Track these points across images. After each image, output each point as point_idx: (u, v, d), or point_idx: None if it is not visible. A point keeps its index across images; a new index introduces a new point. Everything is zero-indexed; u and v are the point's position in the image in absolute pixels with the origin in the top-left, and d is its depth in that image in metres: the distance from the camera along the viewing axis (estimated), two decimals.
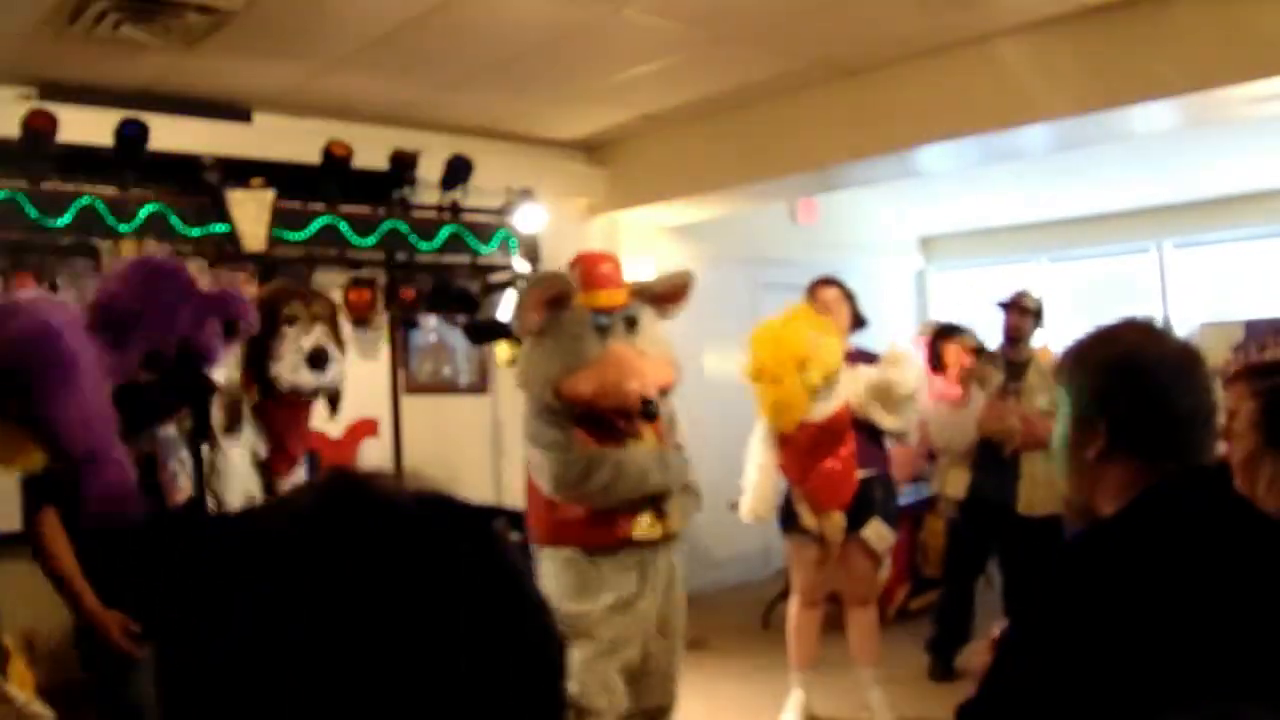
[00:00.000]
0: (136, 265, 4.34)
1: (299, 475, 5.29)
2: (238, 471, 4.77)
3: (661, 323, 5.45)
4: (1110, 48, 6.58)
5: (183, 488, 4.52)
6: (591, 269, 5.31)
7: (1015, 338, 7.52)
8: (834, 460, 6.29)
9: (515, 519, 5.44)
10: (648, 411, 5.04)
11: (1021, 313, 7.51)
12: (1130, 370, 2.26)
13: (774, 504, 6.53)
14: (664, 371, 5.24)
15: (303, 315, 5.15)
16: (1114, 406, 2.25)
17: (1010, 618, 2.29)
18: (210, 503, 4.58)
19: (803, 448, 6.29)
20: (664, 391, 5.19)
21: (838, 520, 6.35)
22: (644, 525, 5.13)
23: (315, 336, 5.17)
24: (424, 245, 8.35)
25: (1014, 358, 7.46)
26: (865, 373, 6.36)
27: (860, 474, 6.35)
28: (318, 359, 5.14)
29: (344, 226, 7.98)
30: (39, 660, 4.72)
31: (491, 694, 0.93)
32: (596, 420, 5.09)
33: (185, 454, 4.55)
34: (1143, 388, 2.24)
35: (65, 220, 6.83)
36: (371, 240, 8.12)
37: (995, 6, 6.53)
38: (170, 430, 4.52)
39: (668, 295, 5.44)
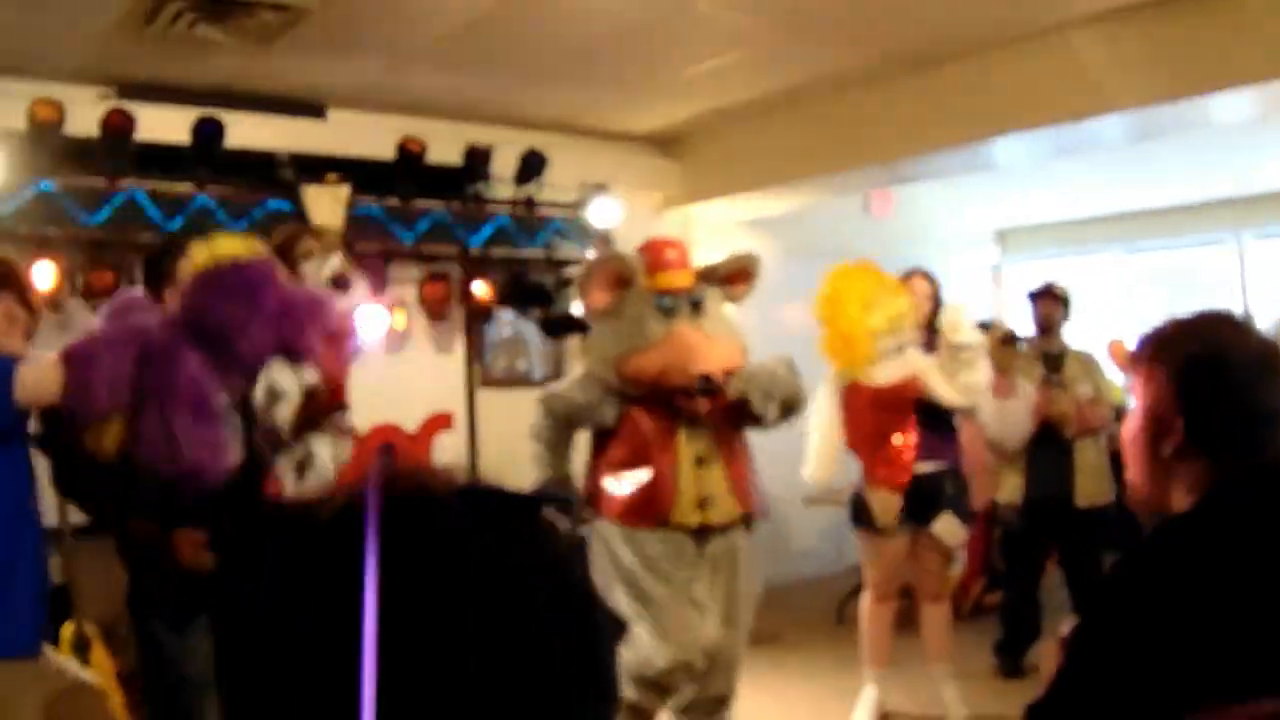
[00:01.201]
0: (228, 274, 4.30)
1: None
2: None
3: (730, 307, 5.47)
4: (1186, 36, 6.50)
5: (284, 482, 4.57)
6: (657, 253, 5.35)
7: (1047, 327, 7.54)
8: (894, 438, 6.25)
9: (565, 505, 5.46)
10: (707, 388, 5.04)
11: (1053, 302, 7.53)
12: (1213, 366, 2.21)
13: (835, 468, 6.48)
14: (730, 353, 5.26)
15: (315, 248, 5.21)
16: (1194, 403, 2.20)
17: (1079, 615, 2.26)
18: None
19: (863, 414, 6.24)
20: (730, 373, 5.18)
21: (887, 499, 6.31)
22: (685, 510, 5.15)
23: (333, 264, 5.24)
24: (499, 240, 8.38)
25: (1048, 348, 7.45)
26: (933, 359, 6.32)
27: (930, 467, 6.30)
28: (341, 282, 5.21)
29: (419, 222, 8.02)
30: (118, 648, 4.78)
31: (537, 686, 0.94)
32: (656, 400, 5.11)
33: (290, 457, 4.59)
34: (1225, 385, 2.19)
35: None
36: (446, 235, 8.17)
37: None
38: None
39: (734, 277, 5.47)
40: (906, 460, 6.26)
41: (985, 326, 7.27)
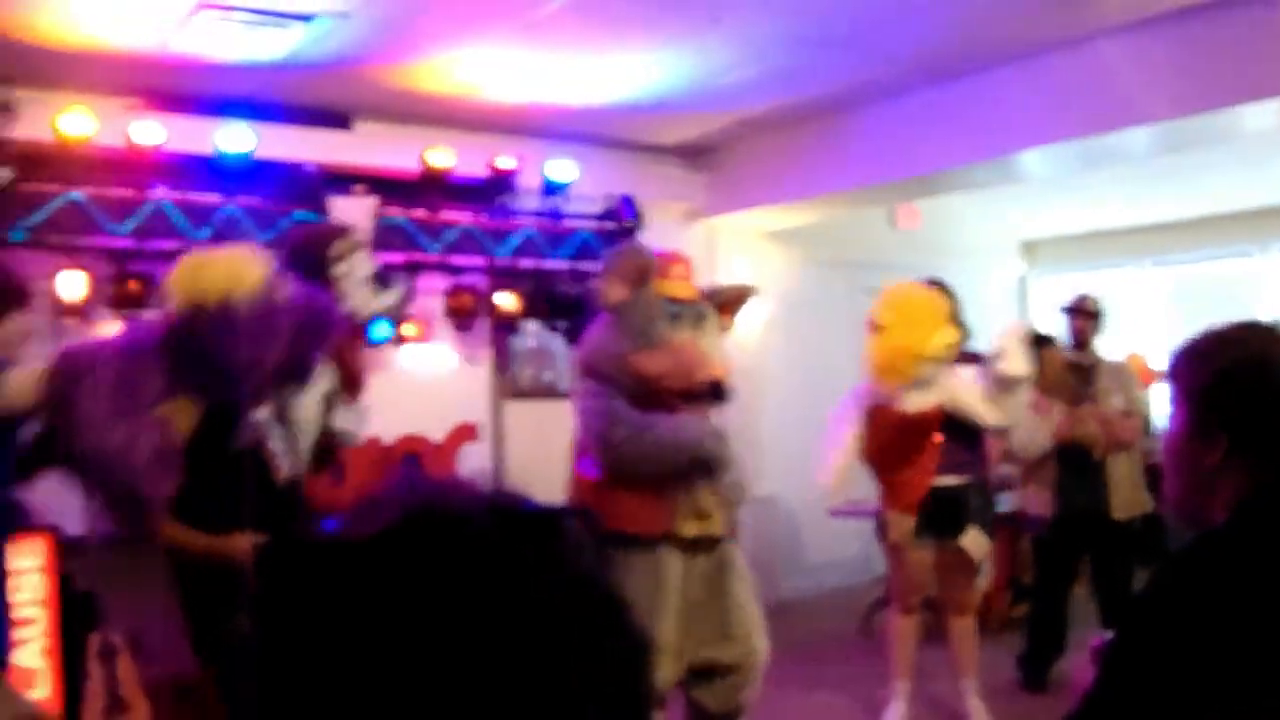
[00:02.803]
0: (222, 320, 4.22)
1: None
2: (307, 422, 4.79)
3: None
4: (1214, 46, 6.46)
5: (282, 466, 4.61)
6: (666, 261, 5.37)
7: (1081, 341, 7.53)
8: (914, 462, 6.26)
9: (589, 518, 5.44)
10: (719, 393, 5.05)
11: (1086, 316, 7.53)
12: (1255, 377, 2.18)
13: (846, 479, 6.49)
14: (724, 371, 5.30)
15: (345, 249, 5.19)
16: (1236, 414, 2.17)
17: (1116, 628, 2.23)
18: (291, 461, 4.65)
19: (886, 435, 6.27)
20: (717, 384, 5.21)
21: (901, 519, 6.33)
22: (685, 521, 5.16)
23: (367, 263, 5.24)
24: (525, 251, 8.40)
25: (1081, 361, 7.43)
26: (965, 375, 6.32)
27: (955, 480, 6.30)
28: (383, 279, 5.21)
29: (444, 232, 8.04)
30: (146, 657, 4.79)
31: (568, 699, 0.94)
32: (655, 401, 5.12)
33: (280, 432, 4.63)
34: (1268, 395, 2.17)
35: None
36: (473, 247, 8.19)
37: (1096, 6, 6.44)
38: (264, 413, 4.58)
39: (728, 306, 5.45)
40: (922, 482, 6.27)
41: (1047, 341, 7.28)
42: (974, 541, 6.35)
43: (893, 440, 6.28)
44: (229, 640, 4.34)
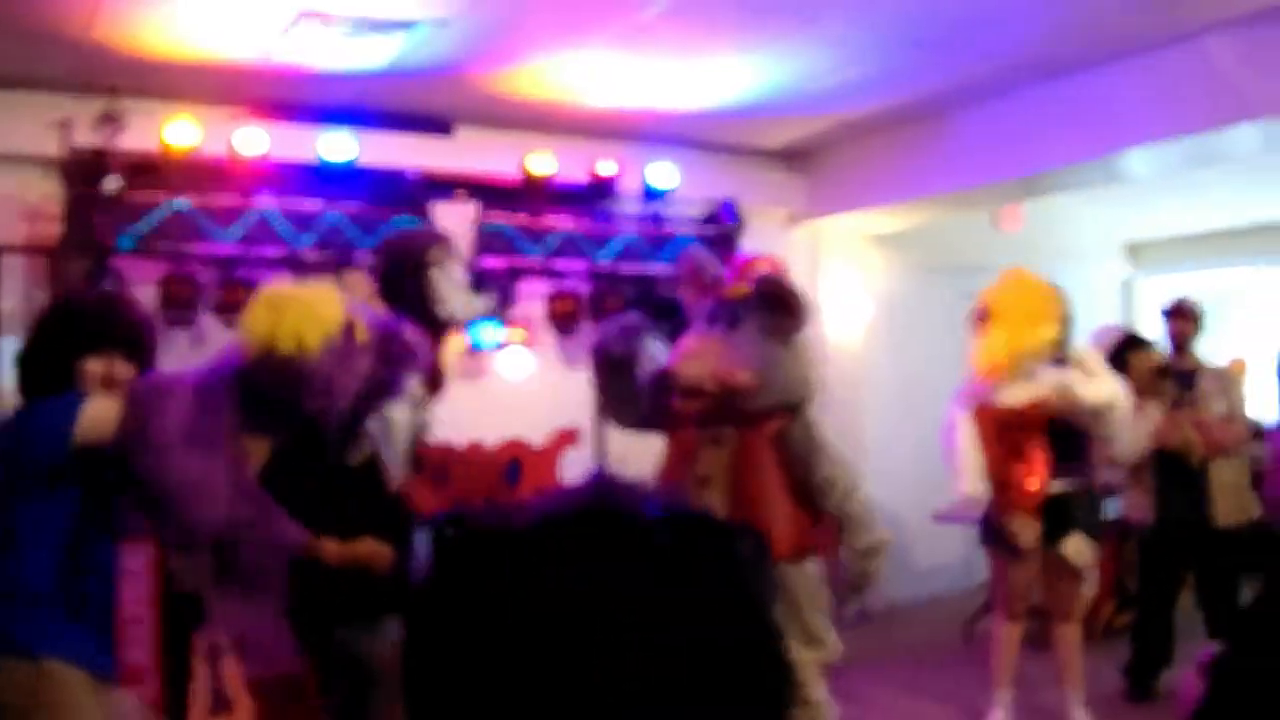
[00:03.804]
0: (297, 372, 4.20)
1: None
2: (400, 430, 4.83)
3: (782, 338, 5.24)
4: None
5: (394, 476, 4.71)
6: (743, 263, 5.38)
7: (1180, 345, 7.46)
8: (1025, 461, 6.20)
9: (757, 537, 5.38)
10: (664, 384, 5.02)
11: (1185, 319, 7.46)
12: None
13: (985, 481, 6.41)
14: (734, 371, 5.13)
15: (440, 256, 5.23)
16: None
17: (1224, 640, 2.18)
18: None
19: (992, 435, 6.22)
20: (732, 392, 5.11)
21: (1026, 523, 6.26)
22: None
23: (460, 268, 5.27)
24: (625, 256, 8.41)
25: (1181, 366, 7.35)
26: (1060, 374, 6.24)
27: (1061, 486, 6.24)
28: (479, 283, 5.26)
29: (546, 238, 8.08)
30: (251, 657, 4.85)
31: (714, 711, 0.94)
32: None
33: (387, 440, 4.70)
34: None
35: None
36: (574, 251, 8.23)
37: (1201, 1, 6.35)
38: (375, 424, 4.65)
39: (771, 302, 5.25)
40: (1040, 482, 6.20)
41: (1139, 343, 7.19)
42: (1076, 549, 6.28)
43: (1000, 439, 6.24)
44: (337, 646, 4.43)
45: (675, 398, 5.11)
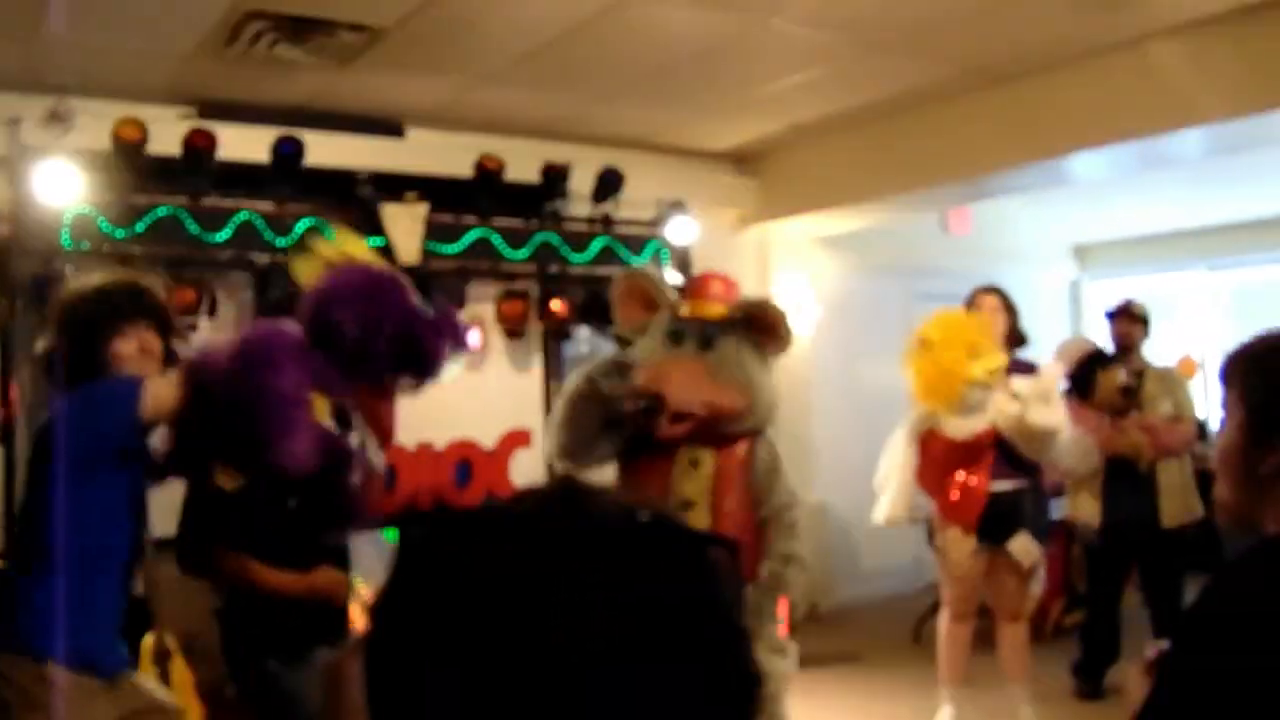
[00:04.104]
0: (362, 287, 4.35)
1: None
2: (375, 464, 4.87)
3: (762, 361, 5.16)
4: (1270, 47, 6.38)
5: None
6: (701, 281, 5.32)
7: (1126, 346, 7.45)
8: (967, 478, 6.24)
9: (733, 548, 5.33)
10: (648, 406, 4.92)
11: (1130, 320, 7.46)
12: None
13: (909, 506, 6.47)
14: (719, 392, 4.96)
15: None
16: None
17: (1170, 639, 2.19)
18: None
19: (939, 460, 6.26)
20: (720, 416, 4.96)
21: (960, 539, 6.33)
22: None
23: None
24: (576, 257, 8.41)
25: (1126, 368, 7.35)
26: (1019, 385, 6.25)
27: (1007, 485, 6.26)
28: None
29: (496, 239, 8.08)
30: (198, 660, 4.83)
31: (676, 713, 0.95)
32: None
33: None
34: None
35: (225, 235, 7.04)
36: (524, 253, 8.21)
37: (1149, 7, 6.37)
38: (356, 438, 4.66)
39: (761, 328, 5.13)
40: (978, 499, 6.25)
41: (1106, 360, 7.22)
42: (1022, 548, 6.31)
43: (946, 464, 6.27)
44: (265, 677, 4.40)
45: (662, 423, 5.01)
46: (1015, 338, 6.60)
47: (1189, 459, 7.26)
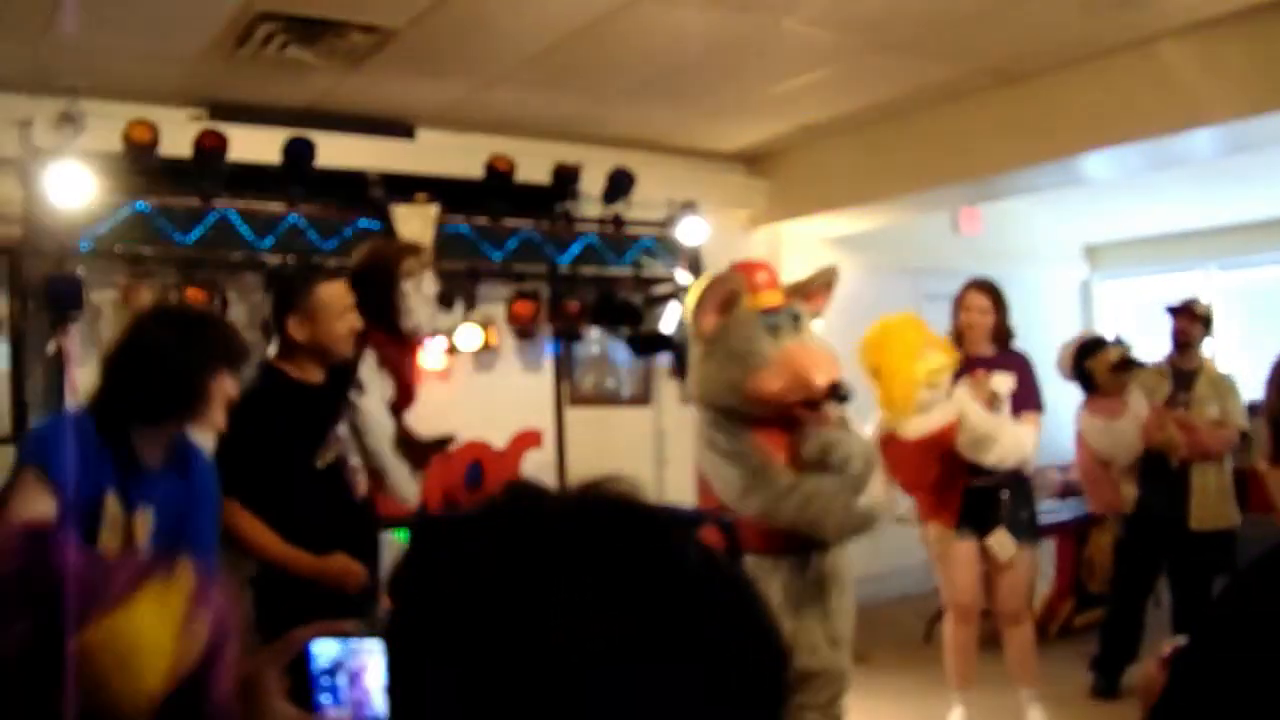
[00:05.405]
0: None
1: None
2: (379, 420, 4.88)
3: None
4: None
5: (361, 483, 4.75)
6: (750, 274, 5.30)
7: (1184, 344, 7.36)
8: (939, 473, 6.27)
9: (726, 526, 5.32)
10: (839, 395, 4.96)
11: (1191, 319, 7.34)
12: None
13: (890, 504, 6.45)
14: (836, 365, 5.12)
15: (415, 268, 5.36)
16: None
17: (1191, 637, 2.17)
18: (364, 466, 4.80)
19: (902, 461, 6.24)
20: (835, 386, 5.05)
21: (943, 533, 6.37)
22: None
23: (431, 282, 5.45)
24: (586, 258, 8.42)
25: (1182, 365, 7.32)
26: (998, 381, 6.25)
27: (986, 480, 6.24)
28: (446, 299, 5.32)
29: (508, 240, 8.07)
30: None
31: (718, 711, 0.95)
32: (774, 420, 5.03)
33: (356, 447, 4.76)
34: None
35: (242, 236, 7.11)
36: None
37: (1160, 7, 6.37)
38: (344, 428, 4.67)
39: (816, 292, 5.39)
40: (953, 494, 6.26)
41: (1101, 345, 7.19)
42: (999, 543, 6.27)
43: (911, 464, 6.25)
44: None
45: (826, 408, 5.08)
46: (1002, 334, 6.57)
47: (1229, 466, 7.18)
